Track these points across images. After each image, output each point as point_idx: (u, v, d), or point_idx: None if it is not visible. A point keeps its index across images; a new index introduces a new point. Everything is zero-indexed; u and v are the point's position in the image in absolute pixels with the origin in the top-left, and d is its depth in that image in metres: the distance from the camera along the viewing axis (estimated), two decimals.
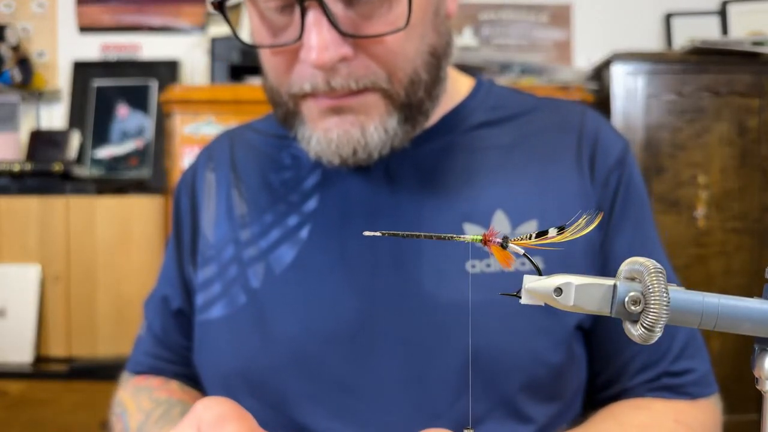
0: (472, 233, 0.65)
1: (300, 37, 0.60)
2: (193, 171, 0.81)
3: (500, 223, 0.67)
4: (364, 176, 0.70)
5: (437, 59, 0.67)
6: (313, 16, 0.59)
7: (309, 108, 0.65)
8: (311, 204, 0.71)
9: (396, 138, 0.65)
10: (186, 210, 0.79)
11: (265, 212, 0.73)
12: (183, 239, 0.79)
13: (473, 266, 0.65)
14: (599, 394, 0.72)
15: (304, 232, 0.70)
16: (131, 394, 0.75)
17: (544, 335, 0.65)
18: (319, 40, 0.59)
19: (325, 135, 0.64)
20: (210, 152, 0.82)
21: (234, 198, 0.76)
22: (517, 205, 0.68)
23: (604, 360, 0.70)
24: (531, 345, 0.65)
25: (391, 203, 0.69)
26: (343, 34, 0.59)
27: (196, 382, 0.78)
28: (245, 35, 2.15)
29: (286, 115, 0.67)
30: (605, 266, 0.69)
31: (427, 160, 0.71)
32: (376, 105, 0.64)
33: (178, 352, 0.79)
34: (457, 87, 0.75)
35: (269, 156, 0.77)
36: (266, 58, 0.66)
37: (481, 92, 0.76)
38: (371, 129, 0.64)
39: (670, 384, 0.69)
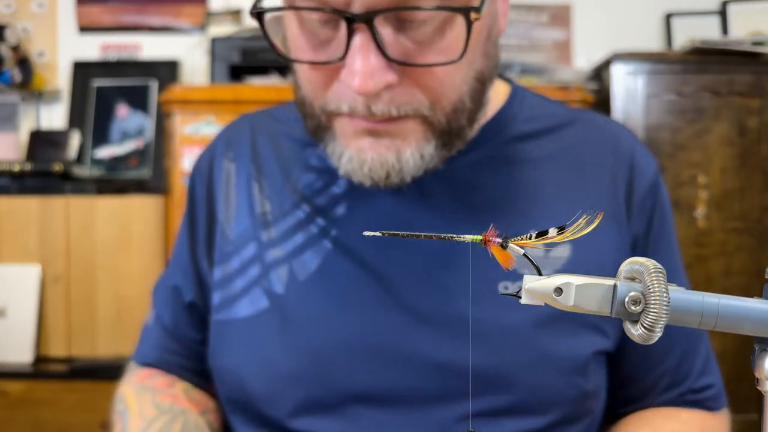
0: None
1: (344, 56, 0.57)
2: (210, 158, 0.78)
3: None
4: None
5: (483, 84, 0.64)
6: (361, 39, 0.55)
7: (343, 126, 0.61)
8: (339, 210, 0.69)
9: (431, 162, 0.62)
10: (201, 199, 0.76)
11: (288, 213, 0.70)
12: (197, 230, 0.76)
13: (506, 287, 0.64)
14: (621, 409, 0.72)
15: (330, 239, 0.68)
16: (135, 392, 0.73)
17: (565, 362, 0.65)
18: (364, 66, 0.55)
19: (358, 155, 0.61)
20: (229, 140, 0.78)
21: (255, 193, 0.73)
22: (548, 227, 0.66)
23: (629, 380, 0.71)
24: (563, 375, 0.65)
25: (422, 217, 0.67)
26: (390, 60, 0.56)
27: (203, 377, 0.76)
28: (246, 34, 2.15)
29: (316, 128, 0.64)
30: None
31: (461, 173, 0.68)
32: (414, 131, 0.61)
33: (188, 345, 0.76)
34: (493, 93, 0.72)
35: (294, 152, 0.74)
36: (302, 69, 0.62)
37: (516, 101, 0.73)
38: (407, 154, 0.61)
39: (693, 399, 0.70)
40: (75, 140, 2.33)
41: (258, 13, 0.59)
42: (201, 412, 0.73)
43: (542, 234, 0.35)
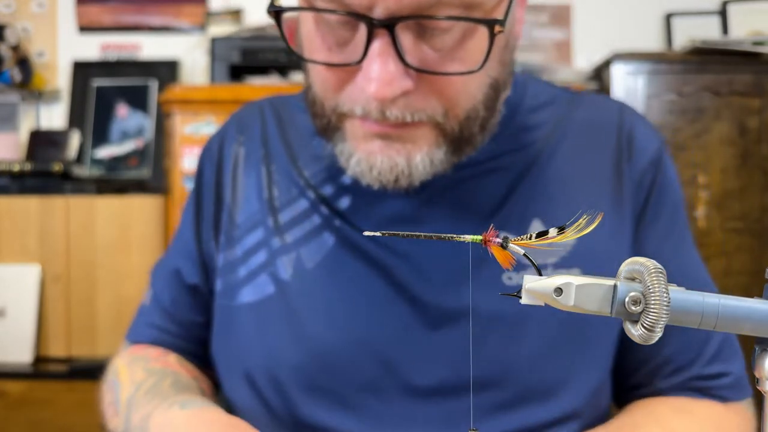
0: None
1: (361, 60, 0.56)
2: (220, 142, 0.77)
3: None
4: None
5: (496, 91, 0.63)
6: (380, 45, 0.55)
7: (354, 128, 0.61)
8: (344, 202, 0.69)
9: (440, 167, 0.62)
10: (209, 182, 0.76)
11: (295, 200, 0.71)
12: (204, 212, 0.76)
13: (510, 278, 0.65)
14: (629, 394, 0.71)
15: (333, 230, 0.68)
16: (127, 363, 0.73)
17: (582, 355, 0.65)
18: (382, 73, 0.55)
19: (368, 158, 0.61)
20: (240, 125, 0.78)
21: (263, 178, 0.73)
22: (554, 214, 0.67)
23: (635, 365, 0.70)
24: (569, 365, 0.65)
25: (425, 211, 0.67)
26: (409, 67, 0.56)
27: (200, 360, 0.76)
28: (246, 34, 2.15)
29: (326, 127, 0.64)
30: None
31: (466, 169, 0.68)
32: (426, 136, 0.60)
33: (187, 328, 0.76)
34: None
35: (302, 140, 0.74)
36: (316, 69, 0.61)
37: (518, 90, 0.72)
38: (417, 159, 0.60)
39: (702, 386, 0.68)
40: (75, 140, 2.33)
41: (276, 12, 0.58)
42: (193, 378, 0.73)
43: (542, 234, 0.35)
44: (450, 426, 0.63)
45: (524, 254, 0.36)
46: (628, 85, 1.88)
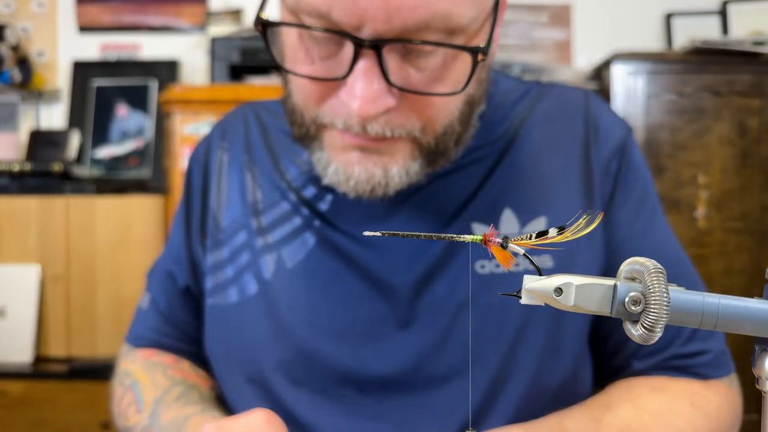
0: (480, 232, 0.65)
1: (346, 76, 0.57)
2: (207, 148, 0.80)
3: (508, 221, 0.67)
4: None
5: (471, 107, 0.65)
6: (366, 64, 0.56)
7: (333, 138, 0.62)
8: (324, 203, 0.71)
9: (415, 178, 0.64)
10: (197, 187, 0.78)
11: (278, 203, 0.73)
12: (192, 216, 0.78)
13: (483, 266, 0.66)
14: (611, 378, 0.72)
15: (314, 231, 0.70)
16: (143, 368, 0.75)
17: (552, 342, 0.66)
18: (367, 91, 0.56)
19: (345, 168, 0.62)
20: (223, 131, 0.80)
21: (247, 182, 0.75)
22: (525, 203, 0.68)
23: (614, 349, 0.71)
24: (539, 352, 0.66)
25: (400, 208, 0.69)
26: (393, 86, 0.57)
27: (202, 361, 0.78)
28: (246, 34, 2.15)
29: (303, 136, 0.65)
30: (609, 251, 0.69)
31: (441, 168, 0.70)
32: (403, 150, 0.62)
33: (183, 330, 0.78)
34: None
35: (284, 144, 0.76)
36: (297, 80, 0.62)
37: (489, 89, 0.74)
38: (393, 171, 0.62)
39: (681, 365, 0.68)
40: (75, 140, 2.33)
41: (262, 25, 0.59)
42: (209, 388, 0.76)
43: (542, 234, 0.35)
44: (428, 416, 0.64)
45: (524, 254, 0.36)
46: (628, 85, 1.88)
